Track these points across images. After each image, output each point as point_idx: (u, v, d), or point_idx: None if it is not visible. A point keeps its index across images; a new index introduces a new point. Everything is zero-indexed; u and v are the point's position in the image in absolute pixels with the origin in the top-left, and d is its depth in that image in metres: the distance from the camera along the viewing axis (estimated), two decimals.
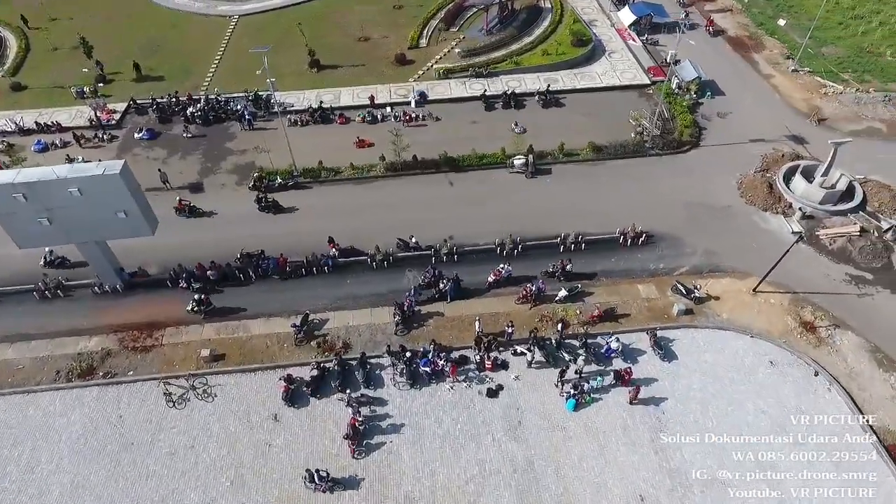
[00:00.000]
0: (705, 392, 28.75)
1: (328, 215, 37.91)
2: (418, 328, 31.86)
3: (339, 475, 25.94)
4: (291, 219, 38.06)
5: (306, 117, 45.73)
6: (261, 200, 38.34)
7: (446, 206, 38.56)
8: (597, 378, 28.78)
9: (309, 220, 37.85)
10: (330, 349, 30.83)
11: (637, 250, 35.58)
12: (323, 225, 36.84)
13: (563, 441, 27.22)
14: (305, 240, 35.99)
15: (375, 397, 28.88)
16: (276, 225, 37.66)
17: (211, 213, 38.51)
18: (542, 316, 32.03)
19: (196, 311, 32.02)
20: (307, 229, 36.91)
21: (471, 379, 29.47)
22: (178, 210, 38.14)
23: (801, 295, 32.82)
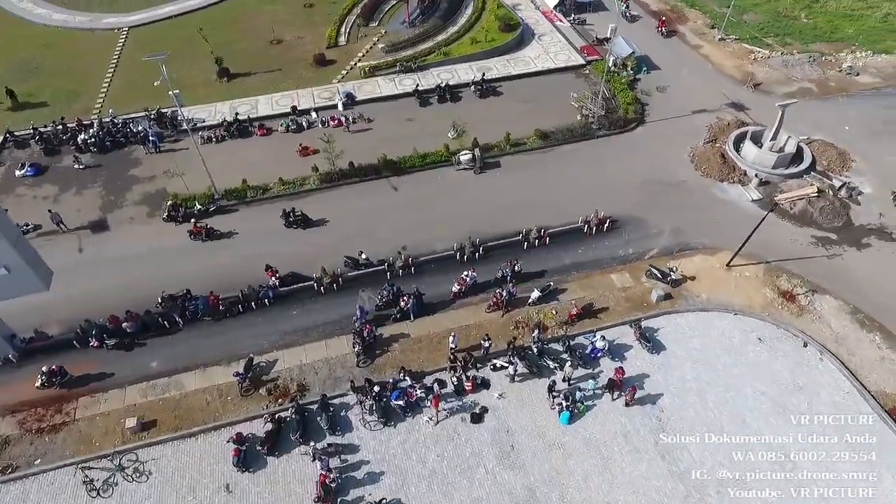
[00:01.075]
0: (700, 381, 26.80)
1: (261, 240, 33.35)
2: (383, 355, 28.13)
3: None
4: (217, 249, 33.15)
5: (221, 132, 40.69)
6: (201, 233, 33.46)
7: (394, 214, 34.94)
8: (588, 381, 26.16)
9: (238, 247, 33.13)
10: (283, 395, 26.52)
11: (603, 238, 33.42)
12: (256, 251, 32.34)
13: (563, 460, 24.38)
14: (238, 271, 31.36)
15: (345, 444, 24.92)
16: (201, 258, 32.66)
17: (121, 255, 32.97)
18: (516, 322, 29.12)
19: (46, 386, 26.59)
20: (238, 259, 32.25)
21: (451, 405, 26.05)
22: (195, 234, 33.25)
23: (774, 264, 31.71)
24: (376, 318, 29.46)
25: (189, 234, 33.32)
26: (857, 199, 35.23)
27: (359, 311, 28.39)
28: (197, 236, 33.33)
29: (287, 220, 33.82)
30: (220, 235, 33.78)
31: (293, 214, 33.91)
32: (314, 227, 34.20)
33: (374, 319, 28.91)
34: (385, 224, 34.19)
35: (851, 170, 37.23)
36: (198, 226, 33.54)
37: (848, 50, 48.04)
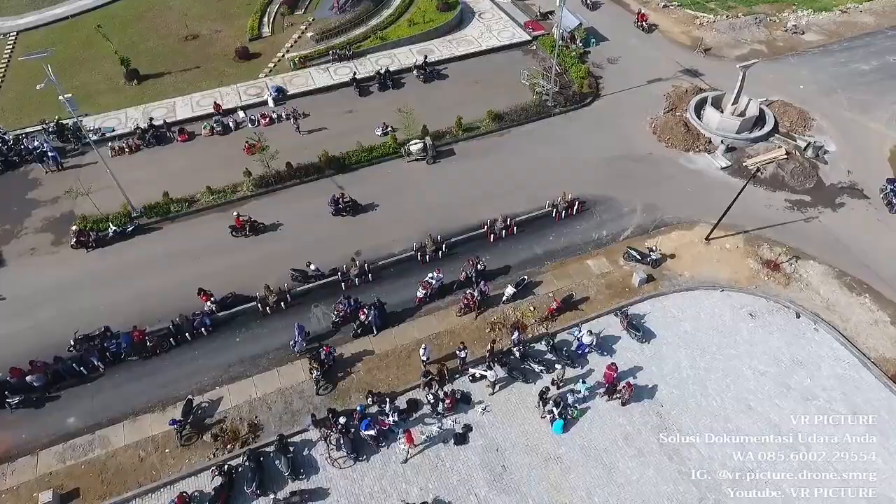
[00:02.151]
0: (697, 368, 24.61)
1: (190, 260, 29.00)
2: (346, 378, 24.57)
3: None
4: (138, 275, 28.52)
5: (135, 141, 35.72)
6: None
7: (342, 217, 31.18)
8: (578, 383, 23.46)
9: (164, 271, 28.62)
10: (233, 440, 22.60)
11: (574, 221, 30.85)
12: (186, 274, 28.02)
13: (562, 476, 21.60)
14: (166, 299, 27.00)
15: (311, 489, 21.27)
16: (120, 288, 27.98)
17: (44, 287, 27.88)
18: (492, 324, 26.12)
19: None
20: (164, 284, 27.82)
21: (430, 427, 22.81)
22: (237, 229, 29.74)
23: (753, 233, 29.99)
24: (333, 336, 25.83)
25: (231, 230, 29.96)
26: (823, 158, 34.08)
27: (297, 331, 24.64)
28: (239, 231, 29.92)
29: (235, 230, 30.02)
30: (135, 260, 29.15)
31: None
32: (252, 239, 30.06)
33: (331, 336, 25.21)
34: (333, 228, 30.47)
35: (813, 129, 36.13)
36: (240, 219, 29.93)
37: (790, 10, 47.43)
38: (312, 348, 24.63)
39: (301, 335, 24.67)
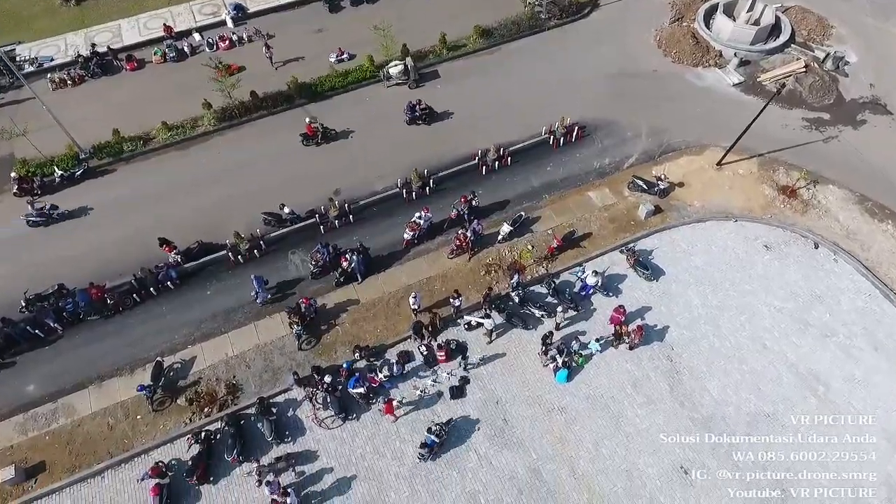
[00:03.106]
0: (709, 307, 22.84)
1: (149, 205, 26.09)
2: (330, 331, 22.53)
3: None
4: (91, 226, 25.61)
5: (77, 71, 31.58)
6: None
7: (317, 152, 28.09)
8: (591, 342, 21.53)
9: (121, 219, 25.72)
10: (210, 403, 20.75)
11: (573, 149, 28.06)
12: (145, 222, 25.22)
13: (566, 427, 20.19)
14: (125, 251, 24.34)
15: (298, 453, 19.68)
16: (74, 241, 25.16)
17: None
18: (487, 266, 23.91)
19: None
20: (122, 235, 25.03)
21: (423, 381, 21.09)
22: (309, 137, 27.68)
23: (767, 156, 27.49)
24: (315, 286, 23.55)
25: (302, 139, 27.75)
26: (843, 70, 31.07)
27: (255, 283, 22.27)
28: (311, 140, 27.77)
29: (306, 139, 27.33)
30: (86, 209, 26.12)
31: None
32: (215, 181, 27.02)
33: (312, 286, 22.89)
34: (308, 165, 27.45)
35: (832, 38, 32.82)
36: (312, 126, 27.66)
37: None
38: (294, 306, 22.28)
39: (260, 286, 22.33)
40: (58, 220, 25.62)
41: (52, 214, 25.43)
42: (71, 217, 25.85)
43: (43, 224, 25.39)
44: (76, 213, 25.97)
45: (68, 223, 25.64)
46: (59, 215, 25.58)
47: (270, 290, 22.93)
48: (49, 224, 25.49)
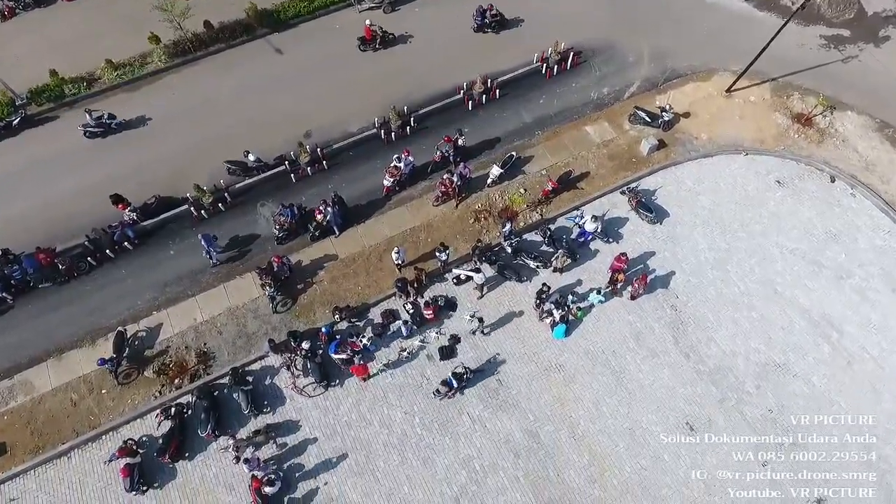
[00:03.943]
0: (717, 250, 21.16)
1: (97, 156, 23.36)
2: (307, 290, 20.69)
3: None
4: (34, 182, 22.99)
5: (6, 3, 27.73)
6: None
7: (283, 90, 25.18)
8: (592, 293, 19.80)
9: (66, 174, 23.08)
10: (180, 373, 19.14)
11: (568, 78, 25.37)
12: (94, 176, 22.66)
13: (565, 386, 18.91)
14: (74, 210, 21.95)
15: (279, 424, 18.34)
16: (8, 200, 22.63)
17: None
18: (476, 214, 21.87)
19: None
20: (68, 191, 22.53)
21: (410, 342, 19.55)
22: (366, 42, 25.76)
23: (781, 81, 25.01)
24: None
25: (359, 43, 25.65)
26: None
27: (204, 242, 20.17)
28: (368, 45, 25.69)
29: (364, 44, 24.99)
30: (27, 164, 23.40)
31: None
32: (170, 126, 24.21)
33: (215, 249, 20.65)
34: (273, 105, 24.61)
35: None
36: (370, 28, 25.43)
37: None
38: (265, 265, 20.27)
39: (210, 245, 20.22)
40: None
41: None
42: (8, 173, 23.15)
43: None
44: (14, 169, 23.25)
45: (6, 179, 22.98)
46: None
47: (225, 249, 20.81)
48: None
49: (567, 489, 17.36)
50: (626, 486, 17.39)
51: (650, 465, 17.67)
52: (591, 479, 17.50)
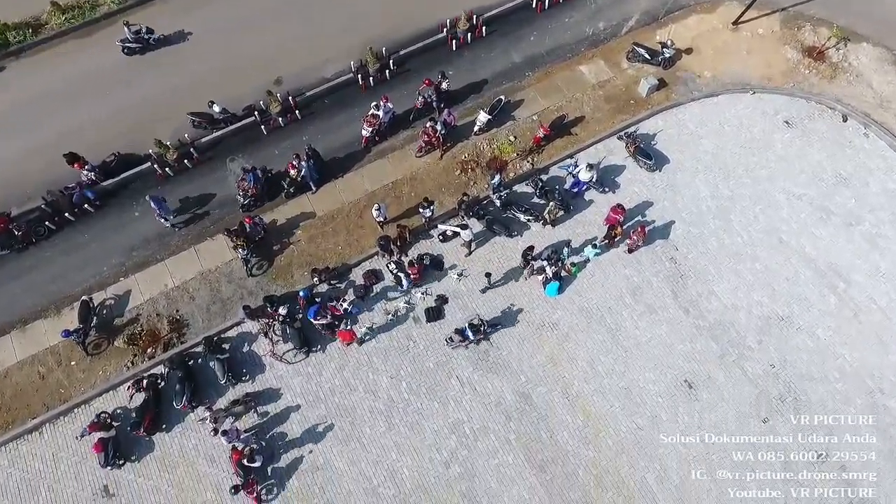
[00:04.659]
0: (719, 198, 19.90)
1: (49, 111, 21.48)
2: (284, 251, 19.43)
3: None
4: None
5: None
6: None
7: (247, 31, 23.00)
8: (588, 247, 18.62)
9: (17, 131, 21.22)
10: (152, 342, 18.11)
11: (561, 12, 23.33)
12: (47, 132, 20.87)
13: (558, 345, 18.02)
14: (26, 170, 20.30)
15: (259, 392, 17.48)
16: None
17: None
18: (462, 165, 20.38)
19: None
20: (19, 149, 20.78)
21: (394, 303, 18.50)
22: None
23: (792, 11, 23.06)
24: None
25: None
26: None
27: (154, 205, 18.65)
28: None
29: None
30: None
31: None
32: (128, 78, 22.20)
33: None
34: (239, 51, 22.52)
35: None
36: None
37: None
38: (236, 226, 18.90)
39: (161, 207, 18.73)
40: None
41: None
42: None
43: None
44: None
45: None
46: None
47: (194, 208, 19.41)
48: None
49: (560, 451, 16.76)
50: (621, 447, 16.80)
51: (647, 424, 17.03)
52: (586, 440, 16.88)
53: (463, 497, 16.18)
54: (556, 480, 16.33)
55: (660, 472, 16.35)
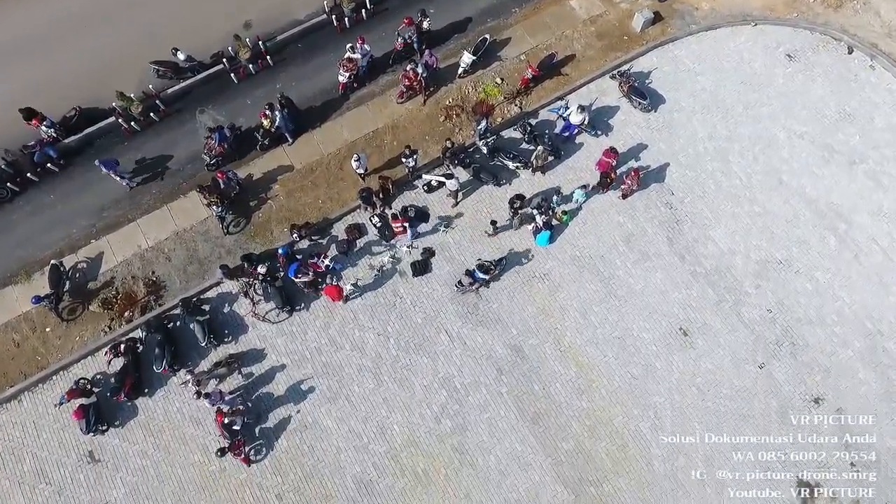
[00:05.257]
0: (717, 138, 18.98)
1: (1, 64, 20.04)
2: (260, 207, 18.54)
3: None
4: None
5: None
6: None
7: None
8: (576, 190, 17.75)
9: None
10: (129, 305, 17.43)
11: None
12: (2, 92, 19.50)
13: (550, 296, 17.46)
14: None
15: (242, 353, 16.96)
16: None
17: None
18: (446, 110, 19.27)
19: None
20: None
21: (378, 258, 17.79)
22: None
23: None
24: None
25: None
26: None
27: (105, 169, 17.56)
28: None
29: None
30: None
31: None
32: (86, 27, 20.64)
33: (221, 164, 18.26)
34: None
35: None
36: None
37: None
38: (209, 182, 17.91)
39: (113, 170, 17.68)
40: None
41: None
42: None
43: None
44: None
45: None
46: None
47: (150, 170, 18.37)
48: None
49: (553, 402, 16.44)
50: (615, 397, 16.48)
51: (641, 373, 16.66)
52: (579, 391, 16.54)
53: (455, 451, 15.92)
54: (549, 432, 16.06)
55: (654, 421, 16.09)
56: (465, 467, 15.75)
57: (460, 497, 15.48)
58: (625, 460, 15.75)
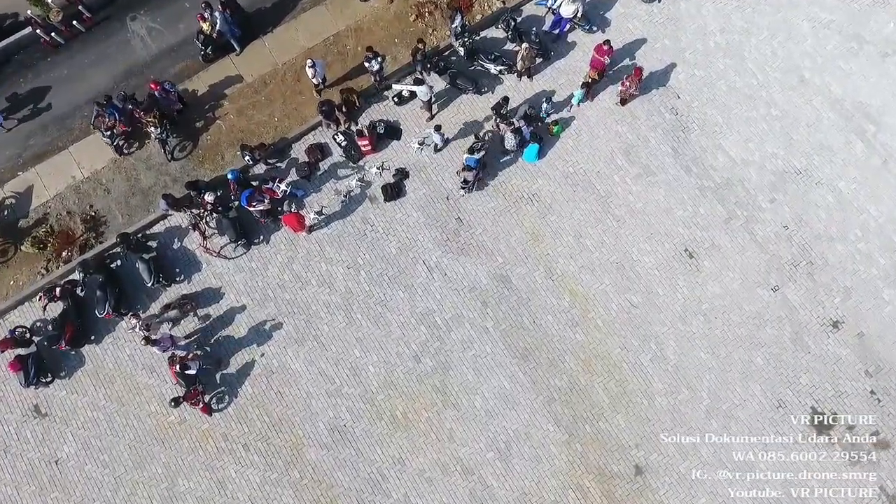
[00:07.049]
0: (730, 31, 16.49)
1: None
2: (208, 128, 16.22)
3: (213, 465, 14.14)
4: None
5: None
6: None
7: None
8: (573, 97, 15.44)
9: None
10: (66, 244, 15.47)
11: None
12: None
13: (540, 219, 15.51)
14: None
15: (197, 293, 15.16)
16: None
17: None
18: (417, 8, 16.56)
19: None
20: None
21: (343, 181, 15.70)
22: None
23: None
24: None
25: None
26: None
27: None
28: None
29: None
30: None
31: None
32: None
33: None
34: None
35: None
36: None
37: None
38: (144, 98, 15.49)
39: None
40: None
41: None
42: None
43: None
44: None
45: None
46: None
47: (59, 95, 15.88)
48: None
49: (544, 336, 14.83)
50: (612, 327, 14.86)
51: (642, 300, 14.98)
52: (573, 323, 14.90)
53: (436, 391, 14.45)
54: (541, 368, 14.55)
55: (656, 353, 14.55)
56: (448, 409, 14.33)
57: (443, 440, 14.14)
58: (623, 396, 14.32)
